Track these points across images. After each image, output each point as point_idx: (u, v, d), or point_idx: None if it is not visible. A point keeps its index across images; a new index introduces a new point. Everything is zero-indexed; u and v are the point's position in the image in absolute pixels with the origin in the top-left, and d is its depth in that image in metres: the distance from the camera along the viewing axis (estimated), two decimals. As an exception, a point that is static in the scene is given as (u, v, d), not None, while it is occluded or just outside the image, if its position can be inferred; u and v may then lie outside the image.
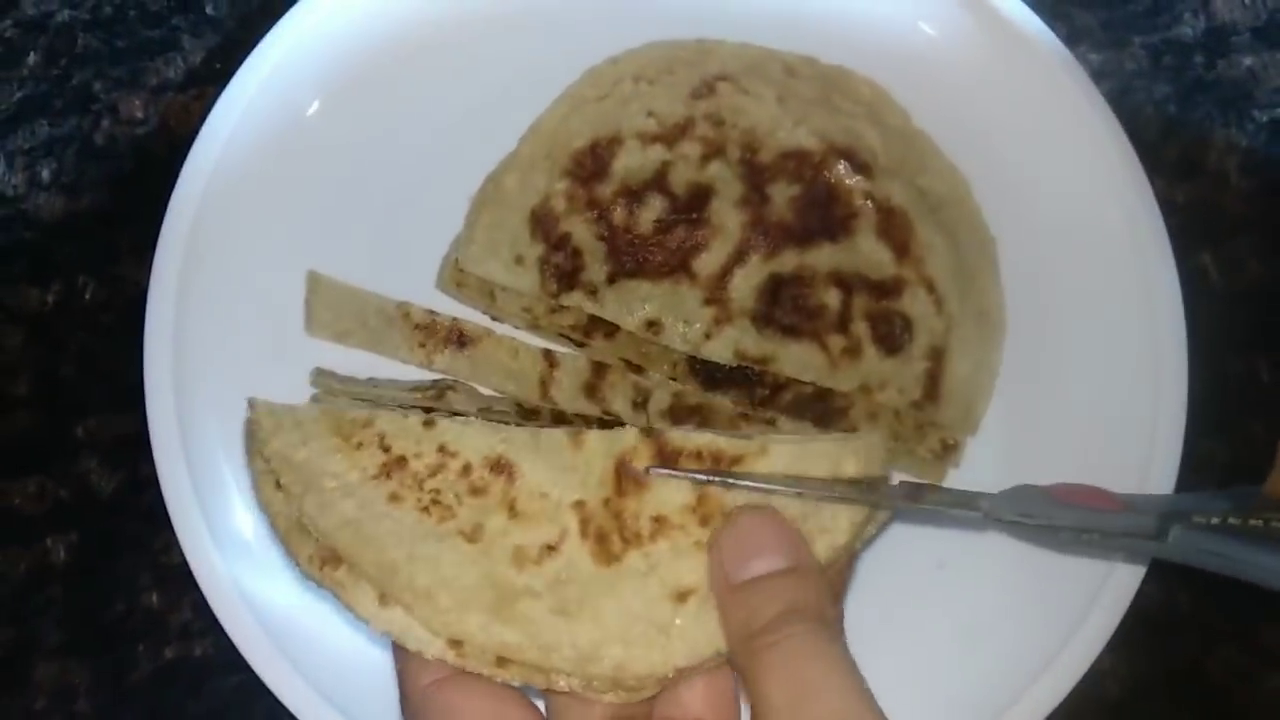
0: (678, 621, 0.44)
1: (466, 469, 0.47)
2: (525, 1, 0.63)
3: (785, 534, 0.44)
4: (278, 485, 0.47)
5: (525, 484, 0.47)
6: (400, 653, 0.45)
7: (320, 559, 0.46)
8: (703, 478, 0.46)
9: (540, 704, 0.45)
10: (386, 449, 0.48)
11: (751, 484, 0.46)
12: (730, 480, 0.46)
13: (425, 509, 0.46)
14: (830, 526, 0.46)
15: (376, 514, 0.46)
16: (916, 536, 0.58)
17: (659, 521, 0.45)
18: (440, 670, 0.44)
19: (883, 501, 0.47)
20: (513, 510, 0.46)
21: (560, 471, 0.47)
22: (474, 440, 0.48)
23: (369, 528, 0.46)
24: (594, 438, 0.48)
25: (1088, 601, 0.56)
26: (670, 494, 0.46)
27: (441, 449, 0.48)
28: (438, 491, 0.47)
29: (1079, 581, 0.57)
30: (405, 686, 0.45)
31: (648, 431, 0.48)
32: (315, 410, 0.49)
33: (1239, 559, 0.44)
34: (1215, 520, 0.47)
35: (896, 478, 0.54)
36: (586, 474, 0.47)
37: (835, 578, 0.47)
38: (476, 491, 0.47)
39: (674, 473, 0.46)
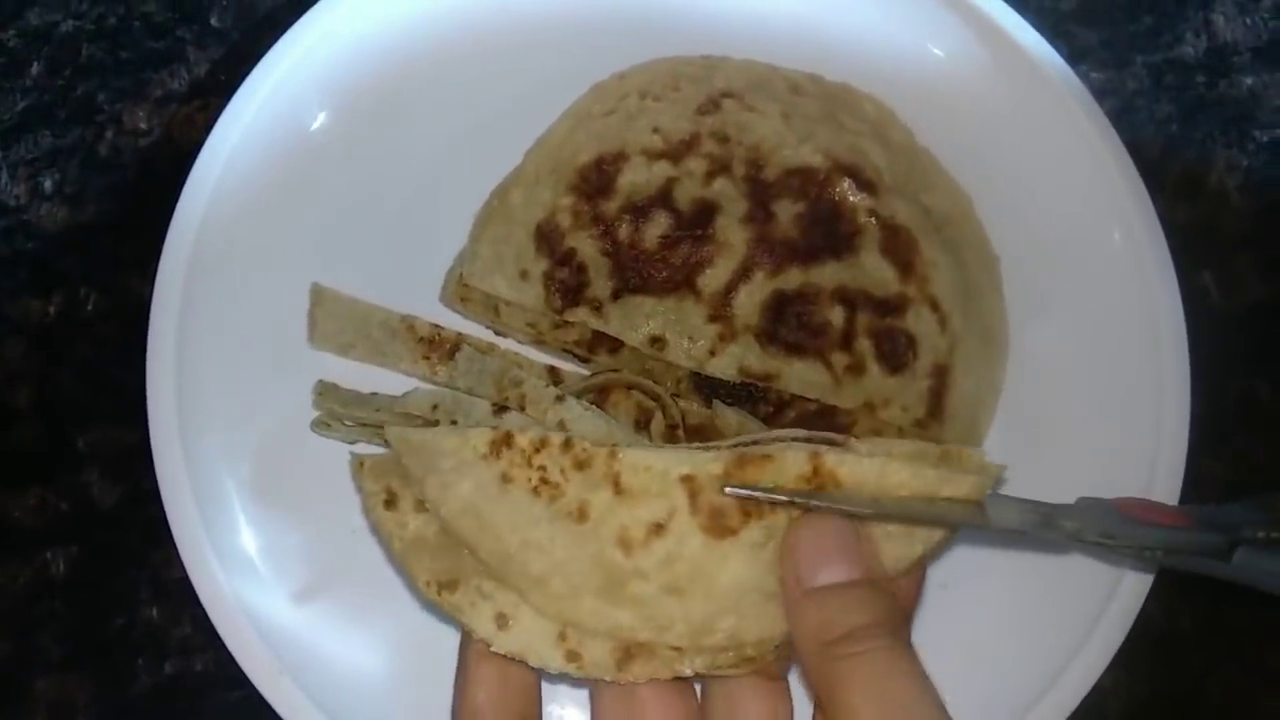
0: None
1: (568, 444, 0.46)
2: (532, 17, 0.63)
3: (859, 544, 0.43)
4: (387, 505, 0.47)
5: (629, 458, 0.45)
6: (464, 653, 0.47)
7: (438, 583, 0.46)
8: (784, 499, 0.44)
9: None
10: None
11: (845, 507, 0.44)
12: (816, 503, 0.44)
13: (535, 489, 0.46)
14: (900, 535, 0.45)
15: (491, 498, 0.46)
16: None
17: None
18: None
19: (960, 521, 0.45)
20: (618, 486, 0.45)
21: (661, 449, 0.46)
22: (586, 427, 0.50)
23: (486, 513, 0.46)
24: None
25: (1091, 621, 0.56)
26: (789, 465, 0.44)
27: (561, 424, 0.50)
28: (544, 469, 0.46)
29: (1082, 600, 0.57)
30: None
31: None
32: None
33: None
34: (1261, 535, 0.47)
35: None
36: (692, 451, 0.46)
37: (907, 593, 0.46)
38: (581, 465, 0.46)
39: (753, 494, 0.44)
